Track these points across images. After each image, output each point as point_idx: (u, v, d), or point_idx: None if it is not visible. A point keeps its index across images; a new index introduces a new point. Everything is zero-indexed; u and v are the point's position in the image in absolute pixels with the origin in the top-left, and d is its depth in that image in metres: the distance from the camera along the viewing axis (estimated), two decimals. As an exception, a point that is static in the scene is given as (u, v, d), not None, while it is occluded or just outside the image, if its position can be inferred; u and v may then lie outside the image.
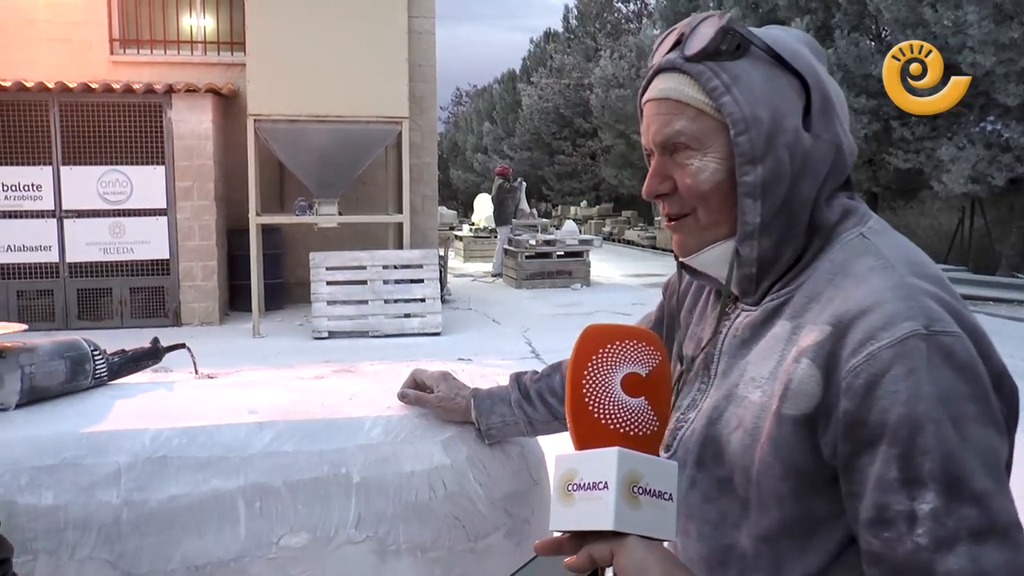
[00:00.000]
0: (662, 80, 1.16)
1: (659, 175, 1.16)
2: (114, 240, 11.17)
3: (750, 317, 1.16)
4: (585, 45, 35.90)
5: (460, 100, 65.35)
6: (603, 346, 1.04)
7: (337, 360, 8.91)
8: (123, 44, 12.78)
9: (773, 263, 1.13)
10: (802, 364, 1.02)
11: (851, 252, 1.09)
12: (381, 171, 13.26)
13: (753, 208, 1.10)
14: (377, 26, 11.00)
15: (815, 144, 1.11)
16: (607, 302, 14.14)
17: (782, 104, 1.10)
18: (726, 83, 1.09)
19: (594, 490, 0.94)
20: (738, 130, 1.09)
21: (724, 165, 1.11)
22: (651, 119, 1.16)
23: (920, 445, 0.93)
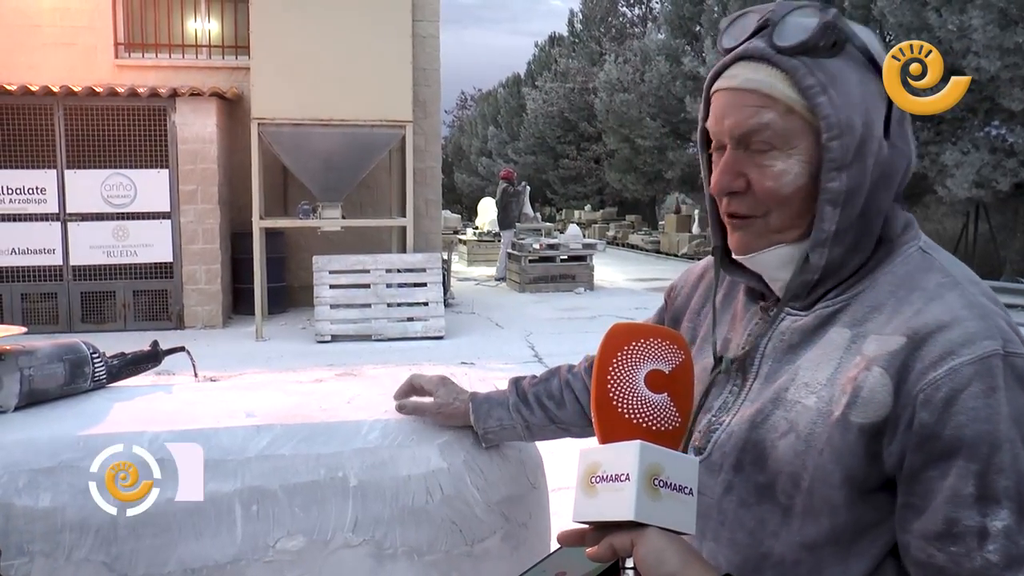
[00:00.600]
0: (745, 68, 1.09)
1: (732, 171, 1.10)
2: (118, 243, 11.20)
3: (801, 322, 1.13)
4: (590, 49, 35.90)
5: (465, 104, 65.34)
6: (628, 343, 1.05)
7: (340, 364, 8.93)
8: (128, 48, 12.82)
9: (837, 271, 1.10)
10: (873, 372, 1.01)
11: (914, 266, 1.08)
12: (385, 175, 13.27)
13: (832, 215, 1.06)
14: (381, 30, 11.02)
15: (892, 154, 1.08)
16: (611, 306, 14.14)
17: (872, 110, 1.06)
18: (823, 83, 1.04)
19: (616, 482, 0.96)
20: (832, 135, 1.04)
21: (807, 169, 1.07)
22: (728, 108, 1.10)
23: (996, 463, 0.93)
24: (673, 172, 26.69)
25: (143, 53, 12.86)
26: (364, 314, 10.97)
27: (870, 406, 1.00)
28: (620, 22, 36.80)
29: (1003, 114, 14.73)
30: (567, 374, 1.61)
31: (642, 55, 26.29)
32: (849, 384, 1.02)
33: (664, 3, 26.95)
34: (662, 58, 24.28)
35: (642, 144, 26.44)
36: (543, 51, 42.65)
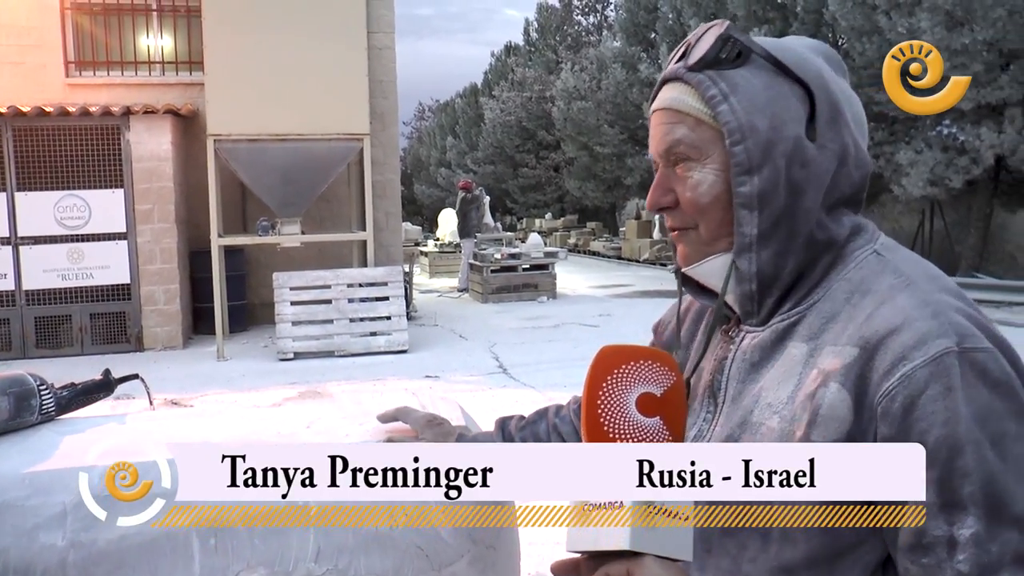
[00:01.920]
0: (667, 90, 1.15)
1: (661, 187, 1.15)
2: (72, 266, 11.00)
3: (758, 338, 1.12)
4: (546, 58, 36.06)
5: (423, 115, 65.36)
6: (618, 366, 1.02)
7: (303, 382, 8.84)
8: (79, 66, 12.63)
9: (774, 278, 1.10)
10: (831, 388, 0.98)
11: (868, 270, 1.07)
12: (344, 188, 13.20)
13: (749, 219, 1.07)
14: (336, 43, 10.96)
15: (819, 154, 1.08)
16: (574, 314, 14.15)
17: (782, 112, 1.07)
18: (724, 91, 1.08)
19: (610, 509, 0.93)
20: (734, 139, 1.06)
21: (722, 176, 1.09)
22: (655, 129, 1.16)
23: (960, 468, 0.90)
24: (632, 178, 26.83)
25: (94, 71, 12.67)
26: (326, 330, 10.88)
27: (831, 424, 0.97)
28: (575, 30, 37.01)
29: (954, 113, 14.97)
30: (555, 417, 1.57)
31: (598, 63, 26.44)
32: (808, 401, 1.00)
33: (619, 11, 27.13)
34: (618, 65, 24.43)
35: (601, 151, 26.57)
36: (500, 61, 42.79)
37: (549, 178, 36.15)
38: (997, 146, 13.94)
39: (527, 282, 16.56)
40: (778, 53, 1.09)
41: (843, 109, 1.11)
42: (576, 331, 12.36)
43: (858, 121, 1.14)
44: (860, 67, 15.37)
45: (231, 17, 10.68)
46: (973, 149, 14.38)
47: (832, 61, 1.16)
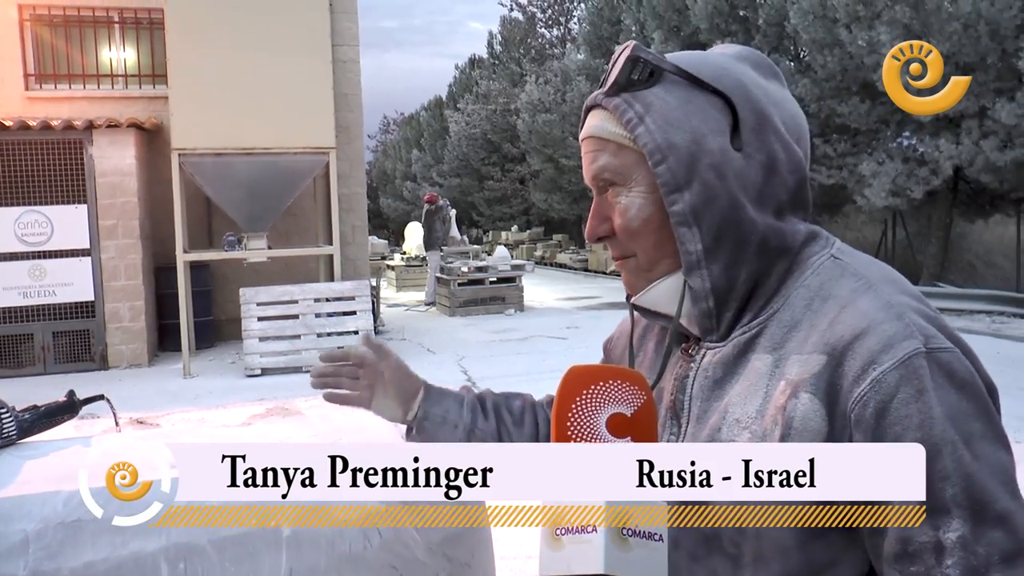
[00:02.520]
0: (591, 118, 1.14)
1: (597, 216, 1.14)
2: (34, 283, 10.81)
3: (720, 354, 1.09)
4: (510, 71, 36.12)
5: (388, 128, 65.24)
6: (587, 387, 1.01)
7: (270, 398, 8.76)
8: (39, 79, 12.47)
9: (729, 290, 1.07)
10: (802, 399, 0.96)
11: (826, 275, 1.05)
12: (310, 202, 13.13)
13: (691, 236, 1.05)
14: (301, 56, 10.91)
15: (747, 163, 1.06)
16: (541, 327, 14.15)
17: (701, 125, 1.05)
18: (639, 113, 1.06)
19: (582, 533, 0.92)
20: (655, 160, 1.05)
21: (650, 198, 1.08)
22: (584, 158, 1.15)
23: (939, 470, 0.89)
24: (598, 190, 26.89)
25: (55, 84, 12.52)
26: (294, 345, 10.80)
27: (805, 435, 0.95)
28: (539, 43, 37.12)
29: (913, 125, 15.19)
30: (531, 400, 1.51)
31: (562, 75, 26.55)
32: (779, 414, 0.98)
33: (582, 24, 27.26)
34: (582, 78, 24.54)
35: (566, 163, 26.64)
36: (464, 73, 42.84)
37: (515, 191, 36.20)
38: (955, 157, 14.14)
39: (494, 295, 16.54)
40: (692, 67, 1.08)
41: (770, 114, 1.08)
42: (544, 344, 12.36)
43: (792, 124, 1.11)
44: (822, 79, 15.55)
45: (194, 30, 10.60)
46: (932, 160, 14.59)
47: (761, 66, 1.14)
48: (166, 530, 1.46)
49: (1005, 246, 18.07)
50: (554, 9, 37.16)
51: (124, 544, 1.43)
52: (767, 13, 16.56)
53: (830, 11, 14.66)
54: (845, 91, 15.49)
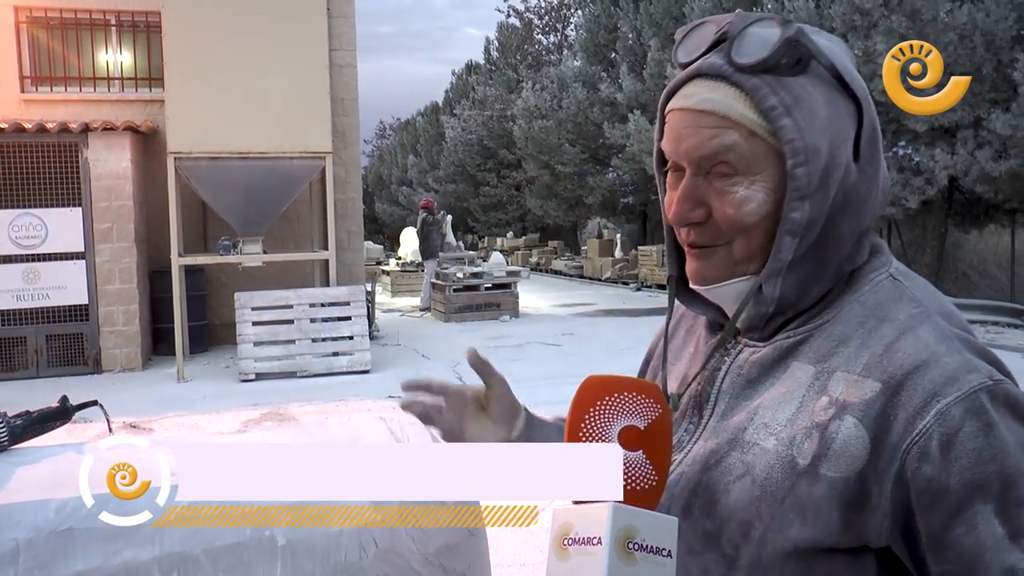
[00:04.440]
0: (702, 87, 1.00)
1: (691, 199, 1.01)
2: (28, 286, 10.77)
3: (758, 354, 1.05)
4: (507, 77, 36.15)
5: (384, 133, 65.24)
6: (601, 398, 0.98)
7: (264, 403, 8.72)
8: (35, 81, 12.45)
9: (795, 303, 1.03)
10: (847, 422, 0.93)
11: (883, 295, 1.01)
12: (306, 207, 13.11)
13: (790, 246, 0.98)
14: (298, 60, 10.91)
15: (860, 179, 1.00)
16: (537, 333, 14.14)
17: (839, 134, 0.98)
18: (786, 104, 0.96)
19: (588, 545, 0.90)
20: (797, 160, 0.96)
21: (772, 196, 0.99)
22: (685, 130, 1.01)
23: (1015, 497, 0.88)
24: (593, 197, 26.95)
25: (52, 87, 12.49)
26: (288, 350, 10.77)
27: (843, 459, 0.93)
28: (536, 50, 37.14)
29: (909, 135, 15.22)
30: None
31: (559, 82, 26.56)
32: (817, 431, 0.95)
33: (579, 31, 27.30)
34: (579, 85, 24.56)
35: (562, 170, 26.66)
36: (460, 79, 42.85)
37: (511, 197, 36.21)
38: (950, 167, 14.18)
39: (489, 301, 16.52)
40: (836, 61, 0.99)
41: (878, 127, 1.03)
42: (539, 350, 12.34)
43: (880, 138, 1.05)
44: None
45: (192, 33, 10.59)
46: (928, 170, 14.62)
47: (853, 60, 1.04)
48: (159, 539, 1.44)
49: (999, 256, 18.11)
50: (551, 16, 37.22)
51: (116, 553, 1.41)
52: (764, 22, 16.59)
53: (827, 20, 14.70)
54: (841, 100, 15.53)
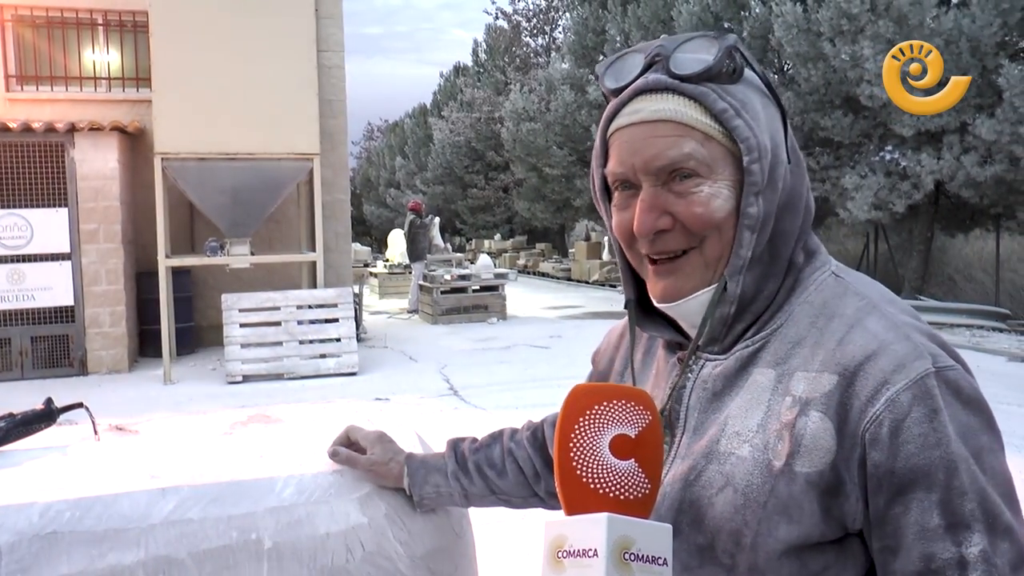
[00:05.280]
0: (649, 102, 1.04)
1: (656, 208, 1.04)
2: (13, 287, 10.70)
3: (721, 366, 1.08)
4: (495, 79, 36.16)
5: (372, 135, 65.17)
6: (590, 407, 0.99)
7: (251, 405, 8.70)
8: (20, 80, 12.38)
9: (751, 301, 1.06)
10: (812, 417, 0.97)
11: (829, 293, 1.06)
12: (293, 208, 13.08)
13: (750, 242, 1.03)
14: (286, 61, 10.88)
15: (793, 177, 1.07)
16: (524, 335, 14.14)
17: (776, 133, 1.05)
18: (735, 106, 1.02)
19: (584, 557, 0.91)
20: (752, 157, 1.01)
21: (734, 193, 1.04)
22: (640, 144, 1.04)
23: (957, 487, 0.91)
24: (581, 200, 26.98)
25: (37, 86, 12.42)
26: (275, 352, 10.74)
27: (815, 453, 0.96)
28: (524, 52, 37.16)
29: (895, 139, 15.29)
30: (509, 442, 1.53)
31: (547, 84, 26.58)
32: (786, 431, 0.98)
33: (567, 33, 27.33)
34: (567, 87, 24.58)
35: (550, 173, 26.67)
36: (448, 81, 42.89)
37: (498, 199, 36.24)
38: (936, 172, 14.25)
39: (477, 303, 16.52)
40: (760, 70, 1.07)
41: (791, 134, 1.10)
42: (527, 352, 12.34)
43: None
44: (806, 93, 15.63)
45: (179, 34, 10.55)
46: (914, 174, 14.69)
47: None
48: (144, 542, 1.44)
49: (984, 260, 18.22)
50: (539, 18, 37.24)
51: (101, 557, 1.40)
52: (751, 25, 16.65)
53: (814, 25, 14.76)
54: (829, 104, 15.59)
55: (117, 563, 1.41)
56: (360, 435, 1.62)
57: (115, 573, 1.40)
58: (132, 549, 1.43)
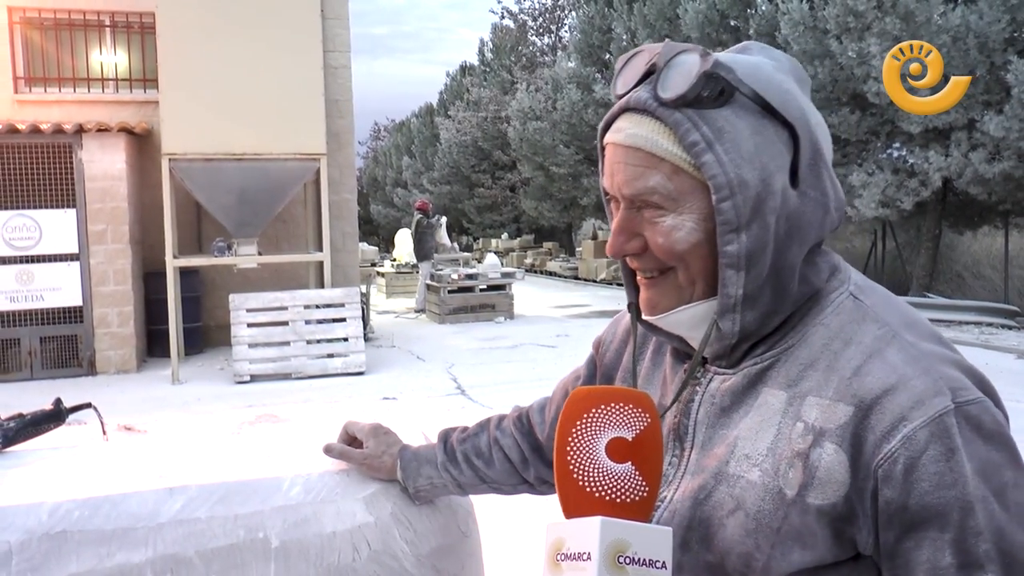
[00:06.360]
0: (631, 122, 1.02)
1: (626, 231, 1.04)
2: (22, 288, 10.74)
3: (729, 382, 1.06)
4: (501, 78, 36.13)
5: (378, 135, 65.20)
6: (588, 411, 0.99)
7: (259, 405, 8.72)
8: (28, 82, 12.42)
9: (756, 334, 1.04)
10: (827, 449, 0.95)
11: (847, 317, 1.02)
12: (300, 209, 13.10)
13: (736, 280, 0.99)
14: (293, 61, 10.89)
15: (802, 204, 1.00)
16: (531, 335, 14.14)
17: (770, 162, 0.98)
18: (708, 138, 0.97)
19: (579, 560, 0.92)
20: (722, 195, 0.97)
21: (702, 226, 1.00)
22: (616, 166, 1.03)
23: (972, 527, 0.89)
24: (588, 198, 26.96)
25: (45, 87, 12.46)
26: (283, 352, 10.76)
27: (828, 486, 0.95)
28: (530, 51, 37.14)
29: (903, 136, 15.25)
30: (495, 430, 1.54)
31: (553, 83, 26.56)
32: (799, 460, 0.96)
33: (573, 32, 27.31)
34: (573, 86, 24.56)
35: (556, 171, 26.65)
36: (455, 80, 42.84)
37: (505, 198, 36.20)
38: (944, 169, 14.20)
39: (484, 303, 16.52)
40: (762, 89, 0.99)
41: (821, 147, 1.03)
42: (534, 351, 12.35)
43: (829, 149, 1.06)
44: (813, 90, 15.34)
45: (186, 35, 10.57)
46: (922, 172, 14.65)
47: (800, 78, 1.06)
48: (152, 541, 1.45)
49: (993, 257, 18.15)
50: (545, 17, 37.23)
51: (110, 556, 1.41)
52: (758, 23, 16.62)
53: (820, 22, 14.72)
54: (835, 102, 15.55)
55: (126, 562, 1.42)
56: (356, 428, 1.64)
57: (124, 572, 1.41)
58: (140, 548, 1.44)
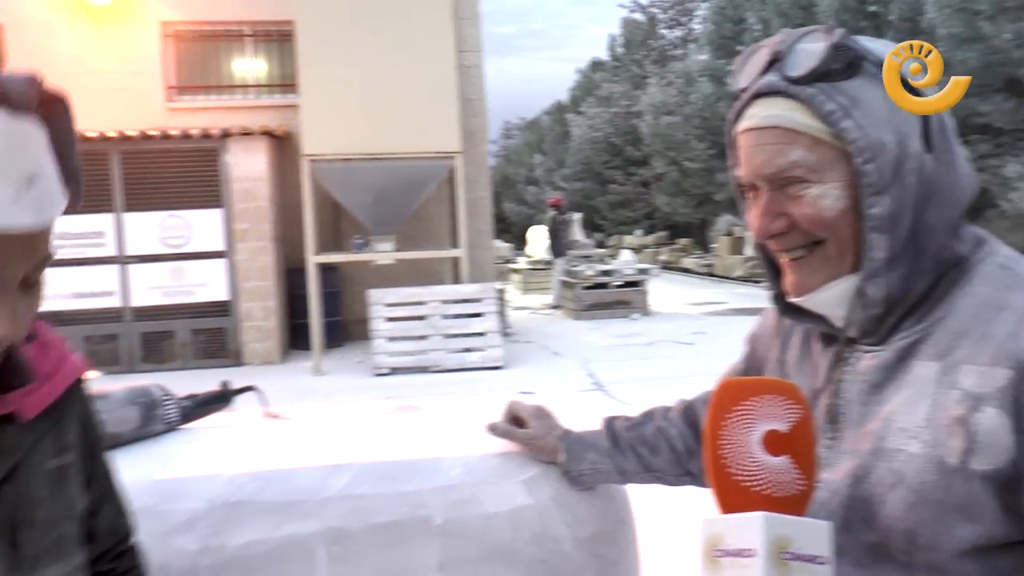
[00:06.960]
0: (763, 106, 1.05)
1: (771, 212, 1.06)
2: (175, 283, 11.34)
3: (879, 358, 1.05)
4: (632, 73, 35.94)
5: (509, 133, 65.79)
6: (738, 403, 0.98)
7: (399, 396, 8.90)
8: (179, 91, 13.03)
9: (902, 300, 1.04)
10: (987, 413, 0.93)
11: (997, 285, 1.01)
12: (436, 206, 13.30)
13: (880, 243, 1.00)
14: (427, 62, 11.07)
15: (937, 167, 1.02)
16: (667, 332, 13.97)
17: (904, 125, 1.00)
18: (844, 106, 1.00)
19: (741, 557, 0.90)
20: (865, 158, 0.99)
21: (847, 192, 1.02)
22: (754, 150, 1.05)
23: None
24: (723, 194, 26.52)
25: (194, 95, 13.07)
26: (421, 346, 10.95)
27: (992, 451, 0.92)
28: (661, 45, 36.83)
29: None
30: (661, 420, 1.53)
31: (685, 77, 26.29)
32: (958, 426, 0.94)
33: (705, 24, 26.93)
34: (705, 79, 24.24)
35: (690, 166, 26.34)
36: (585, 77, 42.83)
37: (638, 194, 35.96)
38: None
39: (619, 299, 16.41)
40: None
41: (945, 116, 1.05)
42: (670, 348, 12.21)
43: (951, 128, 1.07)
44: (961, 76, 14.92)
45: (323, 41, 10.89)
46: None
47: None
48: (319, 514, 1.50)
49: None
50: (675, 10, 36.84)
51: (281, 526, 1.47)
52: (900, 8, 16.02)
53: (971, 3, 14.06)
54: (987, 88, 14.83)
55: (295, 532, 1.47)
56: (519, 408, 1.65)
57: (293, 541, 1.46)
58: (309, 520, 1.48)
